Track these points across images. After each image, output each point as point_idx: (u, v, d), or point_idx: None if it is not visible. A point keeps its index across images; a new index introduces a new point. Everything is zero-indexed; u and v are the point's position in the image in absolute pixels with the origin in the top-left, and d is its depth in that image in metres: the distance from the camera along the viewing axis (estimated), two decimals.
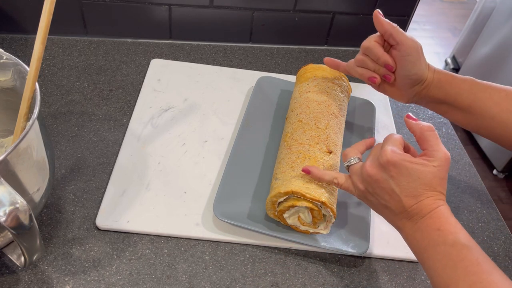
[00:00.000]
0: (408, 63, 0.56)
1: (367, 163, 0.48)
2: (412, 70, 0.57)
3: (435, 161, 0.44)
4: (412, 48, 0.56)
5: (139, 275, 0.53)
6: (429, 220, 0.44)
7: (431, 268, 0.43)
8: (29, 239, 0.41)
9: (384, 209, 0.48)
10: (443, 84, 0.57)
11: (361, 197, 0.50)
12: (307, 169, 0.54)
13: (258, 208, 0.59)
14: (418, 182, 0.44)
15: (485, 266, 0.40)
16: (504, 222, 0.66)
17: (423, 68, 0.57)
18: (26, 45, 0.83)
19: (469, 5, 3.01)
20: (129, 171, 0.63)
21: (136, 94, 0.76)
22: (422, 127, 0.47)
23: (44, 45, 0.43)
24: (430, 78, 0.58)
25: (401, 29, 0.56)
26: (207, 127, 0.72)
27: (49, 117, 0.71)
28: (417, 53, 0.56)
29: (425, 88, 0.58)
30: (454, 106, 0.57)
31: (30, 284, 0.51)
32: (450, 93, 0.57)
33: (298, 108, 0.65)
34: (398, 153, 0.45)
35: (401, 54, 0.56)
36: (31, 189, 0.46)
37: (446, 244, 0.42)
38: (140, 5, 0.83)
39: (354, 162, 0.51)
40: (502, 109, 0.54)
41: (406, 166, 0.44)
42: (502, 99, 0.55)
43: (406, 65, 0.56)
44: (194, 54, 0.87)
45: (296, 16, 0.88)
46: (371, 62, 0.59)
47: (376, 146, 0.49)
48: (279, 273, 0.56)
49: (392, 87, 0.60)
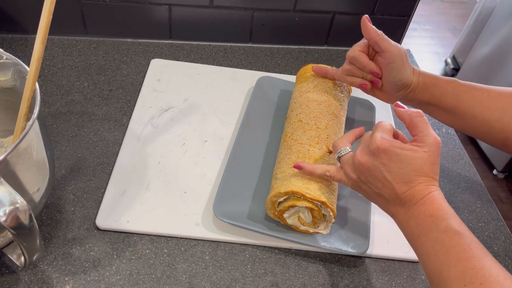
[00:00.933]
0: (393, 70, 0.58)
1: (358, 152, 0.48)
2: (397, 76, 0.58)
3: (425, 147, 0.45)
4: (397, 55, 0.57)
5: (139, 275, 0.53)
6: (422, 207, 0.44)
7: (424, 255, 0.43)
8: (29, 239, 0.41)
9: (378, 197, 0.48)
10: (428, 86, 0.59)
11: (354, 187, 0.51)
12: (298, 165, 0.54)
13: (258, 208, 0.59)
14: (409, 168, 0.44)
15: (476, 252, 0.40)
16: (504, 222, 0.66)
17: (407, 74, 0.59)
18: (26, 45, 0.83)
19: (469, 5, 3.01)
20: (129, 171, 0.63)
21: (136, 94, 0.76)
22: (411, 114, 0.48)
23: (44, 45, 0.43)
24: (415, 82, 0.59)
25: (386, 36, 0.58)
26: (207, 127, 0.72)
27: (49, 117, 0.71)
28: (401, 60, 0.58)
29: (411, 91, 0.60)
30: (439, 107, 0.59)
31: (30, 284, 0.51)
32: (435, 95, 0.59)
33: (298, 108, 0.65)
34: (387, 139, 0.46)
35: (386, 61, 0.58)
36: (31, 189, 0.46)
37: (439, 231, 0.42)
38: (140, 5, 0.83)
39: (344, 153, 0.51)
40: (484, 108, 0.56)
41: (396, 153, 0.45)
42: (484, 99, 0.56)
43: (391, 72, 0.58)
44: (194, 54, 0.87)
45: (296, 16, 0.88)
46: (357, 70, 0.61)
47: (366, 134, 0.50)
48: (279, 273, 0.56)
49: (380, 91, 0.63)
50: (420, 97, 0.60)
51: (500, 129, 0.55)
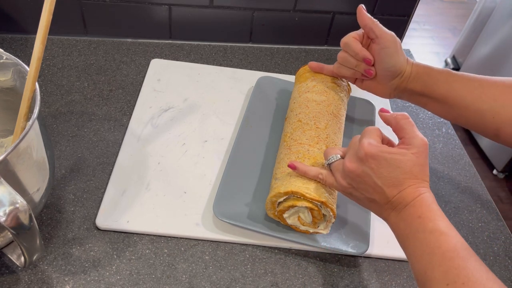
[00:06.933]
0: (386, 55, 0.58)
1: (347, 159, 0.48)
2: (390, 62, 0.59)
3: (413, 148, 0.45)
4: (390, 41, 0.58)
5: (139, 275, 0.53)
6: (412, 209, 0.44)
7: (411, 256, 0.43)
8: (29, 239, 0.41)
9: (370, 202, 0.48)
10: (421, 75, 0.59)
11: (346, 194, 0.51)
12: (292, 165, 0.54)
13: (258, 208, 0.59)
14: (399, 172, 0.44)
15: (461, 252, 0.40)
16: (504, 222, 0.66)
17: (401, 61, 0.59)
18: (26, 45, 0.83)
19: (469, 5, 3.02)
20: (129, 171, 0.63)
21: (136, 94, 0.76)
22: (397, 117, 0.48)
23: (44, 45, 0.43)
24: (408, 70, 0.60)
25: (380, 24, 0.59)
26: (207, 127, 0.72)
27: (49, 117, 0.71)
28: (395, 45, 0.58)
29: (404, 80, 0.60)
30: (432, 97, 0.59)
31: (30, 284, 0.51)
32: (428, 84, 0.59)
33: (298, 108, 0.65)
34: (375, 145, 0.46)
35: (380, 47, 0.58)
36: (31, 189, 0.46)
37: (426, 231, 0.42)
38: (140, 5, 0.83)
39: (334, 160, 0.51)
40: (475, 98, 0.56)
41: (384, 157, 0.45)
42: (475, 88, 0.56)
43: (385, 58, 0.59)
44: (194, 54, 0.87)
45: (296, 16, 0.88)
46: (351, 59, 0.61)
47: (354, 140, 0.49)
48: (279, 273, 0.56)
49: (374, 82, 0.63)
50: (413, 86, 0.60)
51: (491, 119, 0.55)
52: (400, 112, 0.48)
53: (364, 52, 0.59)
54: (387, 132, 0.50)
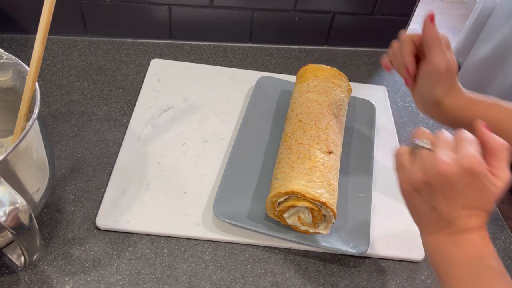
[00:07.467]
0: (426, 82, 0.54)
1: (443, 158, 0.41)
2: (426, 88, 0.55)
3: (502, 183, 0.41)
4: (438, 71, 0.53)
5: (139, 275, 0.53)
6: (470, 236, 0.42)
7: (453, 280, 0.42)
8: (29, 239, 0.41)
9: (429, 210, 0.43)
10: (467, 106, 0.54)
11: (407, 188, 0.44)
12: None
13: (258, 208, 0.59)
14: (482, 200, 0.41)
15: None
16: (504, 222, 0.66)
17: (439, 94, 0.54)
18: (26, 45, 0.83)
19: (469, 5, 3.02)
20: (129, 171, 0.63)
21: (136, 94, 0.76)
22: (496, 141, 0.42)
23: (44, 45, 0.43)
24: (448, 103, 0.55)
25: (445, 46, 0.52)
26: (207, 127, 0.72)
27: (49, 117, 0.71)
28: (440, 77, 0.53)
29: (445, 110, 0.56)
30: None
31: (30, 284, 0.51)
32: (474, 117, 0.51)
33: (298, 108, 0.65)
34: (482, 164, 0.41)
35: (424, 69, 0.54)
36: (31, 189, 0.46)
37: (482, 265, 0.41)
38: (140, 5, 0.83)
39: (426, 146, 0.43)
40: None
41: (483, 182, 0.40)
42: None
43: (423, 83, 0.55)
44: (194, 54, 0.87)
45: (296, 16, 0.88)
46: (399, 57, 0.57)
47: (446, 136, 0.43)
48: (279, 273, 0.56)
49: (414, 93, 0.58)
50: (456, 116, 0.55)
51: None
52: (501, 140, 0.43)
53: (407, 60, 0.55)
54: None
